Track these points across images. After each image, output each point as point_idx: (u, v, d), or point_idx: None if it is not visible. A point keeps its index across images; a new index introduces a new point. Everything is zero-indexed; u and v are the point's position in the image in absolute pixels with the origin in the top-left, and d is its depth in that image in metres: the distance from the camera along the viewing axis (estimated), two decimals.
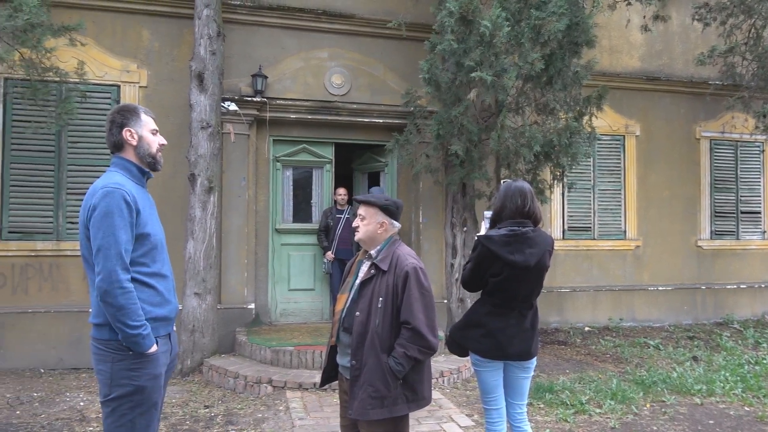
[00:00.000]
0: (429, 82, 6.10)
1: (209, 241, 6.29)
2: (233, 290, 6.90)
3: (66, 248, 6.56)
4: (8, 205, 6.48)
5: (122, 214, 2.30)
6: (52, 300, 6.56)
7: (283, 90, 7.21)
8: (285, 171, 7.51)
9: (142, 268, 2.39)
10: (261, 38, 7.18)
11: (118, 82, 6.78)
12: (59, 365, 6.43)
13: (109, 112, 2.55)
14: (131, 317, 2.27)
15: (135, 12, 6.82)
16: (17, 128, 6.49)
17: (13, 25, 5.42)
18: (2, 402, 5.17)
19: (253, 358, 6.09)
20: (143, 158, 2.53)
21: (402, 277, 2.69)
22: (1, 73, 6.39)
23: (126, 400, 2.32)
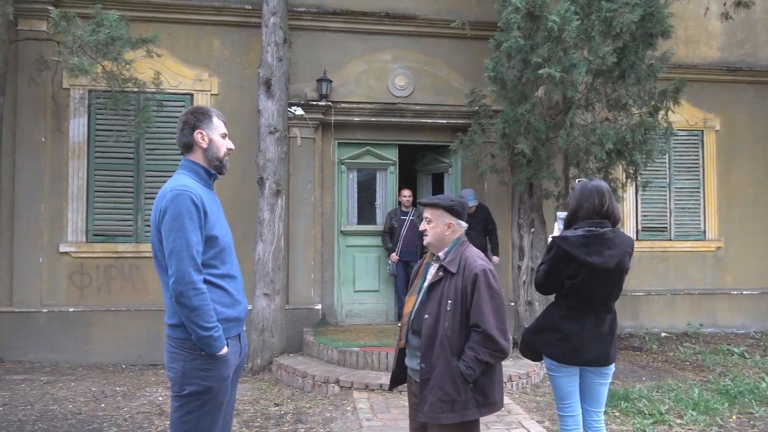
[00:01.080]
0: (494, 81, 6.00)
1: (277, 243, 6.44)
2: (300, 291, 7.03)
3: (145, 250, 6.90)
4: (93, 210, 6.89)
5: (191, 216, 2.34)
6: (132, 299, 6.92)
7: (347, 93, 7.29)
8: (349, 173, 7.59)
9: (213, 269, 2.43)
10: (325, 43, 7.30)
11: (191, 91, 7.07)
12: (139, 361, 6.77)
13: (183, 113, 2.59)
14: (204, 318, 2.31)
15: (207, 23, 7.10)
16: (100, 137, 6.90)
17: (96, 39, 5.76)
18: (89, 395, 5.50)
19: (321, 358, 6.18)
20: (211, 161, 2.56)
21: (471, 279, 2.64)
22: (85, 86, 6.81)
23: (194, 398, 2.38)
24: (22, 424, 4.68)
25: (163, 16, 6.96)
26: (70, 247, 6.81)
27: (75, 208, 6.85)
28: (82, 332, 6.70)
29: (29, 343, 6.62)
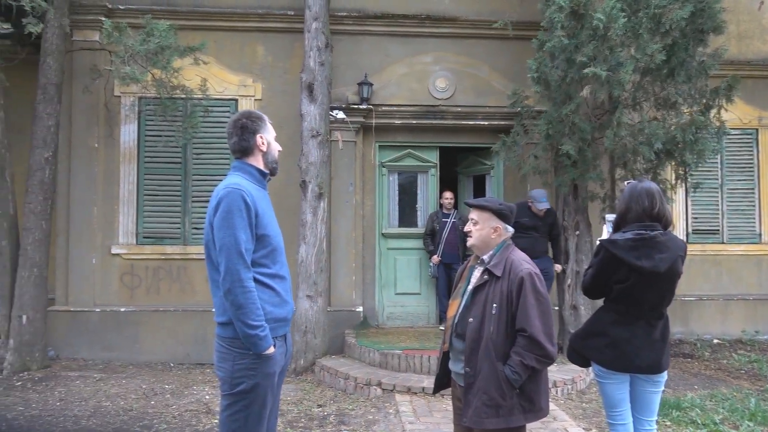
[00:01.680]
0: (538, 81, 5.91)
1: (320, 245, 6.51)
2: (342, 293, 7.09)
3: (191, 252, 7.09)
4: (143, 213, 7.12)
5: (241, 214, 2.38)
6: (180, 299, 7.11)
7: (388, 96, 7.32)
8: (390, 176, 7.61)
9: (263, 269, 2.47)
10: (366, 47, 7.34)
11: (236, 96, 7.23)
12: (186, 360, 6.95)
13: (236, 118, 2.62)
14: (251, 317, 2.34)
15: (251, 30, 7.25)
16: (150, 142, 7.13)
17: (146, 48, 5.97)
18: (140, 392, 5.68)
19: (362, 360, 6.21)
20: (269, 163, 2.63)
21: (517, 283, 2.61)
22: (136, 93, 7.05)
23: (243, 397, 2.43)
24: (77, 419, 4.87)
25: (210, 24, 7.14)
26: (121, 249, 7.06)
27: (126, 211, 7.09)
28: (133, 331, 6.93)
29: (83, 342, 6.89)
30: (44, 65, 6.41)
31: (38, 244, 6.38)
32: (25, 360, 6.25)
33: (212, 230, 2.44)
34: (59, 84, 6.52)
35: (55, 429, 4.60)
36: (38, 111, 6.41)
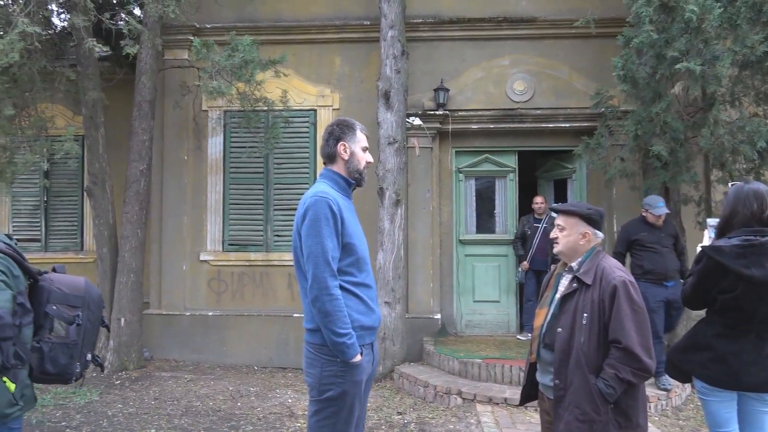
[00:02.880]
0: (624, 79, 5.63)
1: (397, 252, 6.52)
2: (420, 300, 7.05)
3: (273, 258, 7.31)
4: (228, 221, 7.43)
5: (328, 222, 2.40)
6: (263, 304, 7.34)
7: (464, 101, 7.23)
8: (468, 182, 7.51)
9: (350, 277, 2.47)
10: (442, 52, 7.30)
11: (314, 107, 7.40)
12: (269, 364, 7.15)
13: (329, 124, 2.67)
14: (338, 324, 2.35)
15: (329, 42, 7.40)
16: (234, 153, 7.44)
17: (231, 63, 6.24)
18: (227, 393, 5.90)
19: (441, 368, 6.13)
20: (351, 173, 2.63)
21: (609, 291, 2.48)
22: (221, 107, 7.39)
23: (331, 403, 2.44)
24: (171, 417, 5.12)
25: (289, 38, 7.37)
26: (209, 256, 7.39)
27: (213, 220, 7.43)
28: (219, 335, 7.22)
29: (175, 343, 7.26)
30: (139, 84, 6.85)
31: (135, 251, 6.81)
32: (123, 360, 6.67)
33: (300, 238, 2.47)
34: (152, 101, 6.94)
35: (150, 427, 4.86)
36: (134, 127, 6.85)
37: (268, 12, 7.45)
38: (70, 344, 2.57)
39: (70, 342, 2.57)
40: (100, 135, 6.90)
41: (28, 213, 8.31)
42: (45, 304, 2.52)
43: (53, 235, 8.28)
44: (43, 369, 2.55)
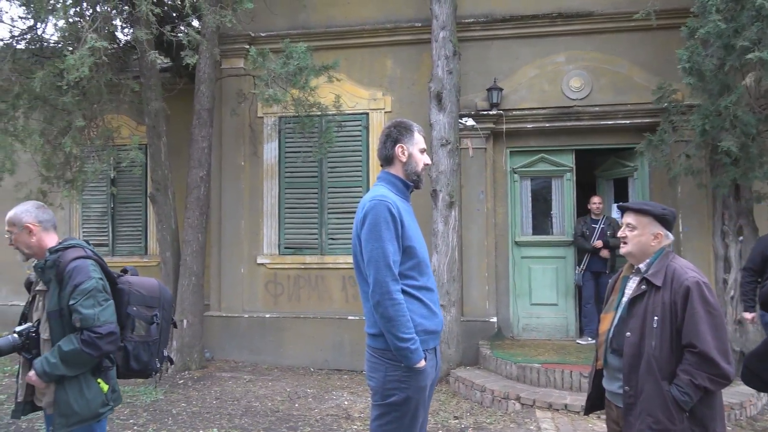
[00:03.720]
0: (690, 72, 5.37)
1: (452, 254, 6.45)
2: (475, 303, 6.95)
3: (328, 261, 7.38)
4: (284, 225, 7.57)
5: (388, 225, 2.37)
6: (318, 307, 7.43)
7: (518, 100, 7.10)
8: (523, 182, 7.36)
9: (411, 281, 2.44)
10: (494, 51, 7.20)
11: (366, 110, 7.44)
12: (325, 366, 7.22)
13: (386, 126, 2.64)
14: (401, 329, 2.32)
15: (380, 45, 7.43)
16: (289, 158, 7.57)
17: (286, 70, 6.35)
18: (284, 395, 5.99)
19: (498, 372, 6.02)
20: (409, 175, 2.59)
21: (681, 293, 2.36)
22: (276, 113, 7.54)
23: (394, 408, 2.41)
24: (231, 417, 5.24)
25: (342, 43, 7.44)
26: (265, 259, 7.54)
27: (269, 223, 7.58)
28: (276, 337, 7.35)
29: (234, 345, 7.44)
30: (198, 93, 7.07)
31: (195, 255, 7.02)
32: (186, 360, 6.88)
33: (359, 242, 2.46)
34: (211, 109, 7.16)
35: (212, 426, 4.99)
36: (194, 135, 7.08)
37: (321, 18, 7.56)
38: (150, 342, 2.76)
39: (150, 340, 2.76)
40: (163, 143, 7.17)
41: (97, 219, 8.73)
42: (126, 305, 2.70)
43: (119, 239, 8.66)
44: (128, 366, 2.75)
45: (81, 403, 2.53)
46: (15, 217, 2.68)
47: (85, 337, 2.46)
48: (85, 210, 8.69)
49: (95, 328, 2.46)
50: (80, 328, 2.46)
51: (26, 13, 6.73)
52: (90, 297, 2.48)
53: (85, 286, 2.49)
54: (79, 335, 2.48)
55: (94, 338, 2.46)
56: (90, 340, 2.46)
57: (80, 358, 2.46)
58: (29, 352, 2.57)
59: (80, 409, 2.52)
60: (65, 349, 2.46)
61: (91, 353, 2.47)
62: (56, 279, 2.54)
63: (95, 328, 2.46)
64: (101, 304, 2.51)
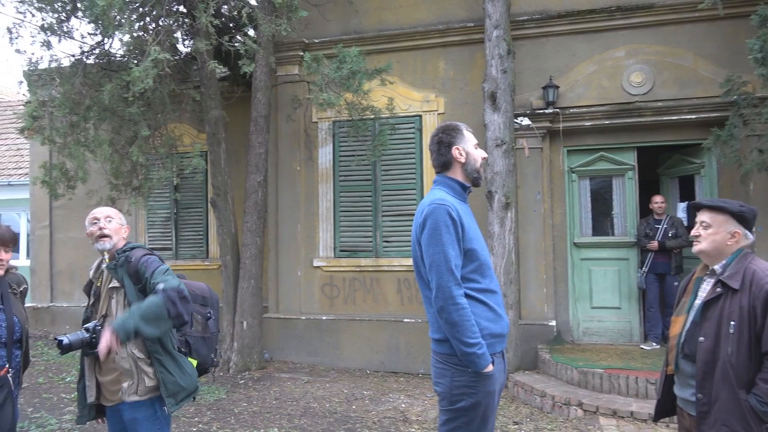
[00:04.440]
0: (762, 63, 5.08)
1: (508, 256, 6.35)
2: (533, 306, 6.81)
3: (383, 264, 7.41)
4: (339, 228, 7.65)
5: (449, 229, 2.35)
6: (373, 309, 7.46)
7: (575, 98, 6.91)
8: (581, 182, 7.15)
9: (473, 284, 2.40)
10: (550, 48, 7.04)
11: (419, 113, 7.43)
12: (381, 368, 7.24)
13: (434, 134, 2.62)
14: (467, 334, 2.29)
15: (432, 47, 7.41)
16: (343, 162, 7.65)
17: (339, 75, 6.43)
18: (342, 396, 6.05)
19: (558, 377, 5.87)
20: (469, 174, 2.56)
21: (762, 298, 2.23)
22: (330, 118, 7.64)
23: (462, 413, 2.38)
24: (291, 417, 5.33)
25: (394, 46, 7.46)
26: (321, 262, 7.65)
27: (324, 227, 7.68)
28: (333, 338, 7.43)
29: (292, 346, 7.57)
30: (255, 100, 7.25)
31: (254, 258, 7.20)
32: (246, 361, 7.06)
33: (420, 247, 2.44)
34: (267, 116, 7.33)
35: (273, 426, 5.09)
36: (251, 141, 7.27)
37: (373, 22, 7.61)
38: (207, 337, 2.93)
39: (207, 335, 2.91)
40: (222, 150, 7.39)
41: (161, 224, 9.09)
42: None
43: (182, 243, 8.99)
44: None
45: (186, 379, 2.73)
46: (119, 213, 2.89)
47: (168, 293, 2.52)
48: (150, 215, 9.06)
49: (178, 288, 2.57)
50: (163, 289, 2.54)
51: (95, 29, 7.10)
52: (168, 274, 2.65)
53: (161, 267, 2.68)
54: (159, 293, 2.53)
55: (175, 296, 2.52)
56: (171, 296, 2.51)
57: (158, 311, 2.49)
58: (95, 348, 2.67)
59: (186, 384, 2.73)
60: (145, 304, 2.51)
61: (169, 309, 2.50)
62: (129, 275, 2.69)
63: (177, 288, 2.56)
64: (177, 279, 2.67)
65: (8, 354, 2.69)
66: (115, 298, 2.74)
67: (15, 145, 14.61)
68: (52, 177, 7.20)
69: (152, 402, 2.72)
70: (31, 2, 6.62)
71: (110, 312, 2.75)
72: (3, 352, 2.67)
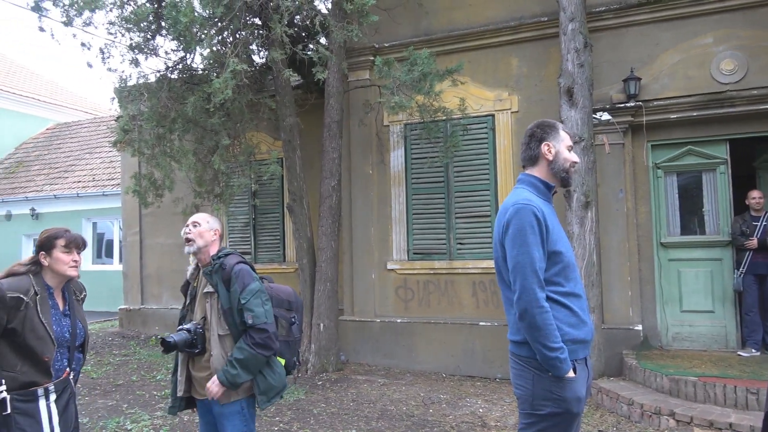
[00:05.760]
0: None
1: (589, 258, 6.09)
2: (617, 309, 6.50)
3: (457, 267, 7.32)
4: (412, 231, 7.64)
5: (534, 230, 2.28)
6: (448, 312, 7.39)
7: (659, 90, 6.55)
8: (667, 178, 6.76)
9: (557, 287, 2.33)
10: (630, 39, 6.71)
11: (492, 112, 7.29)
12: (456, 372, 7.15)
13: (528, 127, 2.58)
14: (549, 338, 2.22)
15: (503, 44, 7.26)
16: (415, 165, 7.64)
17: (411, 77, 6.42)
18: (418, 399, 6.02)
19: (647, 385, 5.56)
20: (556, 173, 2.48)
21: None
22: (402, 121, 7.65)
23: (544, 419, 2.32)
24: (368, 419, 5.36)
25: (464, 46, 7.38)
26: (395, 265, 7.67)
27: (397, 230, 7.70)
28: (408, 341, 7.42)
29: (367, 349, 7.63)
30: (328, 106, 7.39)
31: (329, 261, 7.32)
32: (323, 362, 7.19)
33: (502, 249, 2.39)
34: (340, 121, 7.45)
35: (351, 427, 5.14)
36: (325, 146, 7.40)
37: (443, 23, 7.56)
38: (291, 341, 3.03)
39: (291, 339, 3.03)
40: (297, 156, 7.58)
41: (241, 229, 9.44)
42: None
43: (260, 248, 9.29)
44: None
45: (275, 378, 2.93)
46: (211, 217, 3.07)
47: (257, 340, 2.78)
48: (231, 221, 9.43)
49: (264, 326, 2.79)
50: (251, 326, 2.78)
51: (177, 46, 7.49)
52: (257, 296, 2.82)
53: (252, 286, 2.83)
54: (249, 340, 2.78)
55: (265, 338, 2.79)
56: (262, 341, 2.79)
57: (256, 360, 2.82)
58: (195, 348, 2.89)
59: (276, 382, 2.93)
60: (241, 357, 2.78)
61: (264, 353, 2.81)
62: (222, 281, 2.87)
63: (264, 325, 2.79)
64: (265, 304, 2.85)
65: (71, 358, 2.83)
66: (210, 303, 2.92)
67: (108, 158, 15.72)
68: (142, 186, 7.65)
69: (240, 399, 2.90)
70: (120, 24, 7.07)
71: (206, 315, 2.93)
72: (66, 356, 2.80)
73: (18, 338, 2.59)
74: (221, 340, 2.87)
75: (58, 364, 2.73)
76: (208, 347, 2.89)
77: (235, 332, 2.84)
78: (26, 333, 2.60)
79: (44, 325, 2.65)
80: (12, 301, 2.57)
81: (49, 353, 2.66)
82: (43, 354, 2.64)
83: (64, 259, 2.74)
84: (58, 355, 2.73)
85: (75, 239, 2.80)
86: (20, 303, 2.59)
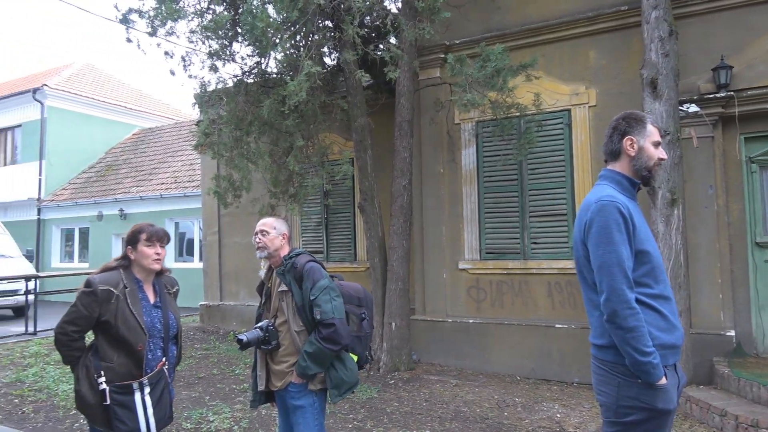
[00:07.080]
0: None
1: (675, 258, 5.76)
2: (706, 313, 6.11)
3: (532, 267, 7.13)
4: (484, 230, 7.51)
5: (620, 228, 2.17)
6: (522, 314, 7.21)
7: (754, 78, 6.09)
8: (763, 173, 6.28)
9: (646, 288, 2.20)
10: (719, 25, 6.28)
11: (568, 107, 7.04)
12: (531, 375, 6.96)
13: (614, 118, 2.46)
14: (641, 342, 2.10)
15: (579, 36, 6.99)
16: (487, 163, 7.50)
17: (483, 74, 6.31)
18: (492, 402, 5.90)
19: (741, 395, 5.19)
20: (638, 170, 2.35)
21: None
22: (473, 118, 7.54)
23: (630, 427, 2.20)
24: (442, 420, 5.31)
25: (538, 39, 7.17)
26: (467, 265, 7.56)
27: (469, 229, 7.59)
28: (480, 342, 7.30)
29: (439, 349, 7.58)
30: (399, 105, 7.39)
31: (401, 260, 7.32)
32: (395, 361, 7.20)
33: (584, 248, 2.29)
34: (411, 120, 7.43)
35: (425, 428, 5.11)
36: (396, 146, 7.41)
37: (515, 18, 7.38)
38: (362, 336, 3.11)
39: (362, 335, 3.11)
40: (368, 156, 7.63)
41: (313, 229, 9.63)
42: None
43: (332, 247, 9.44)
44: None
45: (347, 373, 3.03)
46: (278, 222, 3.20)
47: (324, 335, 2.87)
48: (304, 221, 9.64)
49: (332, 321, 2.87)
50: (320, 321, 2.88)
51: (253, 51, 7.73)
52: (326, 293, 2.92)
53: (321, 283, 2.94)
54: (318, 335, 2.89)
55: (331, 333, 2.87)
56: (329, 336, 2.88)
57: (323, 354, 2.92)
58: (269, 344, 3.05)
59: (348, 378, 3.03)
60: (310, 350, 2.91)
61: (332, 348, 2.90)
62: (295, 280, 3.00)
63: (332, 320, 2.87)
64: (335, 300, 2.94)
65: (165, 349, 2.96)
66: (285, 301, 3.06)
67: (189, 161, 16.52)
68: (222, 187, 7.95)
69: (313, 392, 3.04)
70: (200, 32, 7.38)
71: (281, 313, 3.08)
72: (160, 347, 2.93)
73: (112, 330, 2.77)
74: (298, 336, 3.01)
75: (151, 355, 2.88)
76: (283, 342, 3.04)
77: (309, 328, 2.98)
78: (119, 324, 2.77)
79: (134, 316, 2.81)
80: (103, 294, 2.75)
81: (141, 342, 2.82)
82: (137, 343, 2.80)
83: (147, 252, 2.91)
84: (151, 345, 2.88)
85: (156, 232, 2.95)
86: (111, 295, 2.77)
